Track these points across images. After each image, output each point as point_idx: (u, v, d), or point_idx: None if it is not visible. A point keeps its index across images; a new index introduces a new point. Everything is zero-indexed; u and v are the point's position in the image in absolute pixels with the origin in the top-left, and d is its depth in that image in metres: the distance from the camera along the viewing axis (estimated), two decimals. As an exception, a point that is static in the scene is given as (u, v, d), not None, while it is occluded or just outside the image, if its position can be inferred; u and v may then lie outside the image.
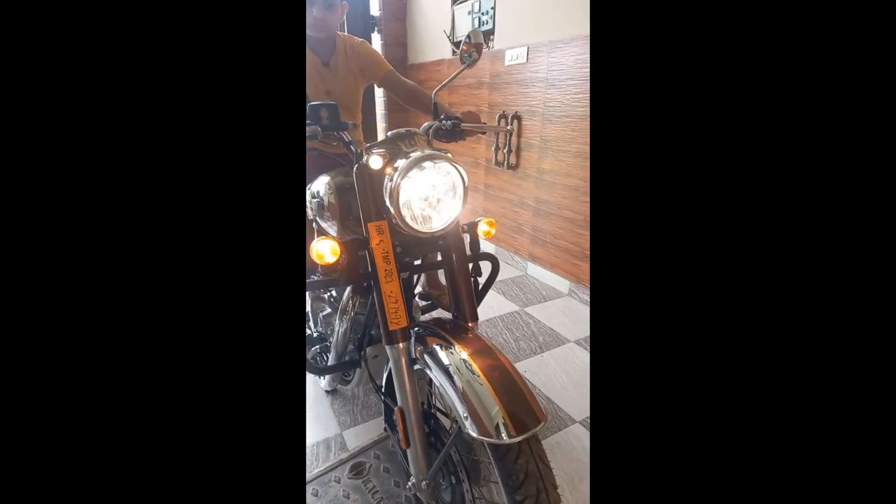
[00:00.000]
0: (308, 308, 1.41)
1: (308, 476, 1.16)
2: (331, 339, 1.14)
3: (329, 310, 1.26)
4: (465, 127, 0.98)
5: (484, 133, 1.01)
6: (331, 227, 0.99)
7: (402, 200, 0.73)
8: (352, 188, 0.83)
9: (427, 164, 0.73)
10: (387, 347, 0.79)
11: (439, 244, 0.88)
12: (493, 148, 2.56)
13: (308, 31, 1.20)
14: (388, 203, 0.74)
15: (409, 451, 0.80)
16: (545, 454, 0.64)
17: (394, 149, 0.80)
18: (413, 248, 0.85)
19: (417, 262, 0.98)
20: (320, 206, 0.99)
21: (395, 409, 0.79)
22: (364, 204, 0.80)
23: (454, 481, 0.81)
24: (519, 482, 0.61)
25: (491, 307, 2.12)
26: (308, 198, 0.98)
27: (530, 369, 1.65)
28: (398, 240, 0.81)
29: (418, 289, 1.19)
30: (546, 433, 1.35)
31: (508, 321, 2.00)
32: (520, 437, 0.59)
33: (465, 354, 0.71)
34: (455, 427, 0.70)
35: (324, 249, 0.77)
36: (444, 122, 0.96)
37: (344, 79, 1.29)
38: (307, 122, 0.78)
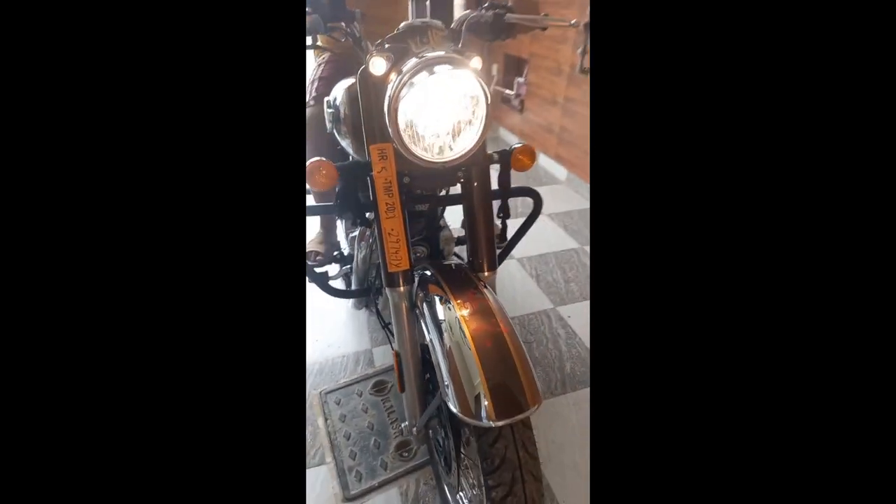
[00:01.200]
0: (339, 225, 1.38)
1: (334, 385, 1.23)
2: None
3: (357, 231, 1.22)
4: (512, 19, 0.75)
5: (544, 29, 0.76)
6: (348, 146, 0.88)
7: (401, 120, 0.59)
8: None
9: (435, 69, 0.56)
10: (386, 289, 0.71)
11: (458, 175, 0.73)
12: (579, 51, 2.14)
13: None
14: (386, 122, 0.60)
15: (403, 396, 0.76)
16: (532, 440, 0.56)
17: (402, 48, 0.63)
18: (424, 178, 0.72)
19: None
20: (336, 118, 0.87)
21: (392, 352, 0.74)
22: (367, 120, 0.67)
23: (444, 433, 0.78)
24: (493, 467, 0.53)
25: (547, 241, 1.95)
26: (325, 107, 0.87)
27: (574, 314, 1.51)
28: (406, 167, 0.68)
29: (452, 224, 1.06)
30: (576, 386, 1.26)
31: (563, 259, 1.83)
32: (500, 423, 0.50)
33: (462, 313, 0.61)
34: None
35: (316, 172, 0.67)
36: (483, 10, 0.74)
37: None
38: (307, 10, 0.64)
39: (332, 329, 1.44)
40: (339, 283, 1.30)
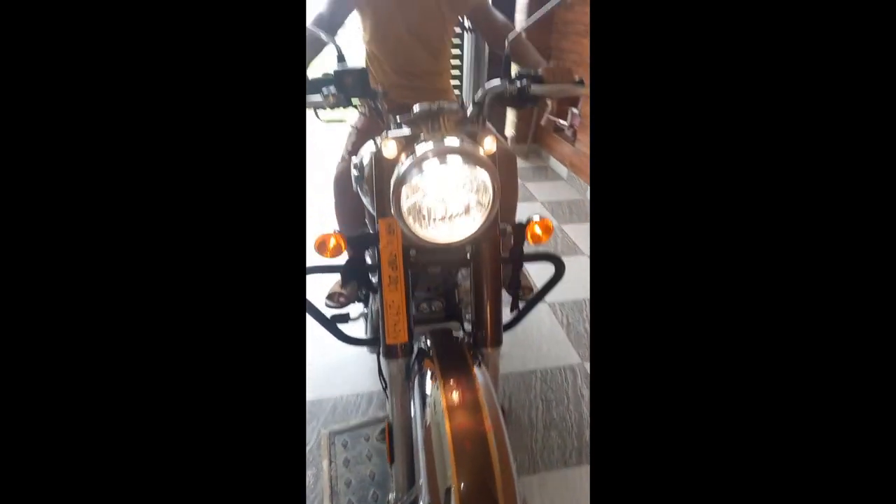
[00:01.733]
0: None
1: (344, 426, 1.24)
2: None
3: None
4: (538, 91, 0.74)
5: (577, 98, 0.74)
6: (369, 204, 0.90)
7: (405, 203, 0.59)
8: None
9: (439, 159, 0.56)
10: (383, 359, 0.71)
11: (466, 251, 0.72)
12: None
13: None
14: (391, 203, 0.61)
15: (392, 466, 0.75)
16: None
17: (416, 130, 0.64)
18: (430, 253, 0.72)
19: None
20: (360, 177, 0.90)
21: (385, 422, 0.74)
22: (378, 195, 0.69)
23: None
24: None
25: (585, 286, 1.87)
26: (353, 161, 0.90)
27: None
28: (412, 242, 0.68)
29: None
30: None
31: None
32: None
33: (448, 399, 0.59)
34: None
35: (326, 245, 0.69)
36: (508, 82, 0.73)
37: (429, 12, 1.09)
38: (327, 90, 0.67)
39: (354, 364, 1.46)
40: (360, 324, 1.32)
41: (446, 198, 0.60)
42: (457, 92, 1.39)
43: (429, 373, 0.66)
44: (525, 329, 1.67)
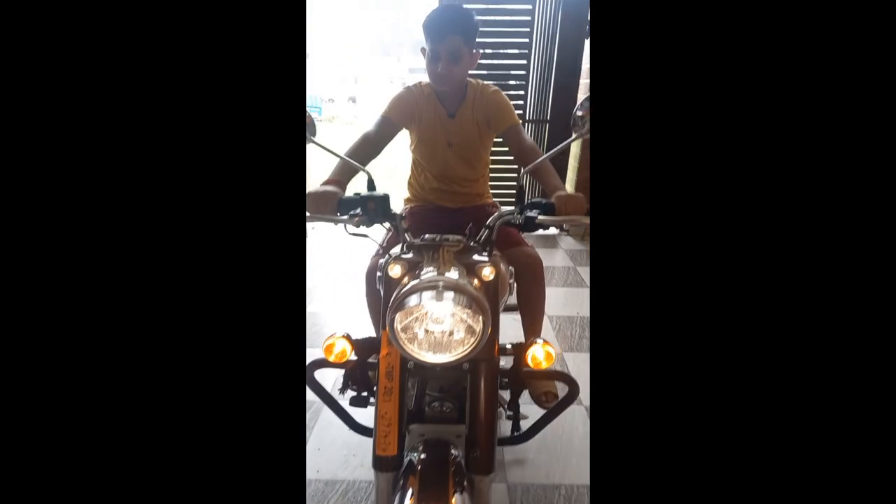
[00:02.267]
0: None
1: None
2: None
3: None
4: (546, 222, 0.78)
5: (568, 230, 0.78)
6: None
7: (398, 324, 0.64)
8: None
9: (422, 294, 0.61)
10: (373, 469, 0.72)
11: (464, 369, 0.74)
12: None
13: (433, 84, 1.17)
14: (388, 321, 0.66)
15: None
16: None
17: (418, 257, 0.70)
18: (427, 370, 0.74)
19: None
20: (383, 275, 0.97)
21: None
22: (383, 307, 0.74)
23: None
24: None
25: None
26: (380, 262, 0.98)
27: None
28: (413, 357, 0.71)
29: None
30: None
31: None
32: None
33: None
34: None
35: (332, 348, 0.75)
36: (518, 211, 0.78)
37: (468, 130, 1.21)
38: (354, 212, 0.76)
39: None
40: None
41: (434, 326, 0.63)
42: (493, 192, 1.48)
43: (409, 492, 0.66)
44: (555, 432, 1.55)
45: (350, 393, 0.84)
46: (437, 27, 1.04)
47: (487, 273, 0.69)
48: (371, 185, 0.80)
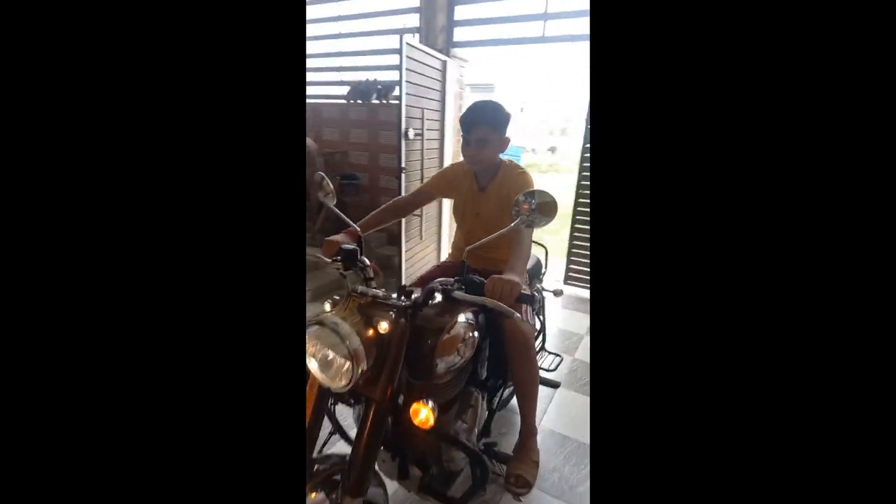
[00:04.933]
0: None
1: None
2: None
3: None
4: (459, 297, 0.88)
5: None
6: None
7: (309, 350, 0.86)
8: None
9: (318, 333, 0.81)
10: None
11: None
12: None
13: (466, 164, 1.38)
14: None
15: None
16: None
17: (342, 300, 0.93)
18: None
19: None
20: None
21: None
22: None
23: None
24: None
25: None
26: None
27: None
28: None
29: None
30: None
31: None
32: None
33: None
34: None
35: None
36: (440, 283, 0.91)
37: (493, 203, 1.38)
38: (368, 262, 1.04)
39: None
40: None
41: (318, 355, 0.82)
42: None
43: None
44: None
45: None
46: (469, 119, 1.30)
47: (384, 326, 0.85)
48: (359, 241, 1.09)
